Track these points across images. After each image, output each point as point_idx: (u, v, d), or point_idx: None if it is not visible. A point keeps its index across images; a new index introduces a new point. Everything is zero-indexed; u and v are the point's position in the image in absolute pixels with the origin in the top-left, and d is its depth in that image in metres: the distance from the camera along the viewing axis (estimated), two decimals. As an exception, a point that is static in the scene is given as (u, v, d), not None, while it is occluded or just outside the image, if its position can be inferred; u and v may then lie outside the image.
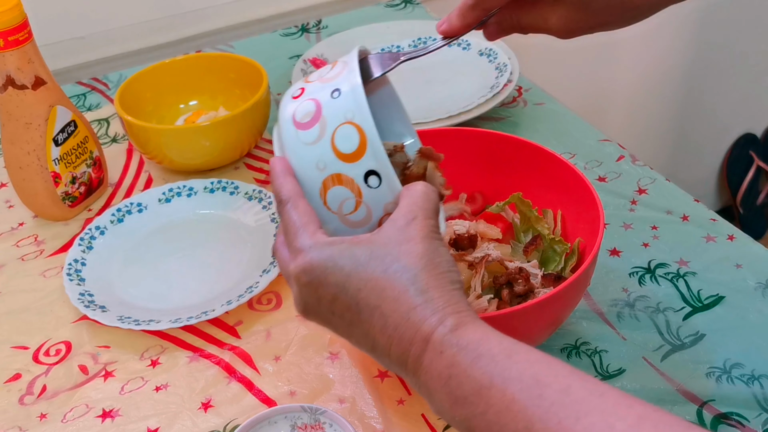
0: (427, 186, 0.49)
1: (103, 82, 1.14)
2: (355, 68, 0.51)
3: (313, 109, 0.51)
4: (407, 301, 0.44)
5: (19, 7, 0.78)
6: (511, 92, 0.98)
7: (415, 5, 1.28)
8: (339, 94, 0.50)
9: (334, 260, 0.46)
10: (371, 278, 0.45)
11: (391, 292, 0.45)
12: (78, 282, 0.78)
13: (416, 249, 0.46)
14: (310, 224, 0.49)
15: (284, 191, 0.50)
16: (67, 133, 0.86)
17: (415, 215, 0.47)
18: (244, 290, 0.75)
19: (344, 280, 0.46)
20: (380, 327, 0.45)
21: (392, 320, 0.45)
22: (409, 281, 0.45)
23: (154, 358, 0.72)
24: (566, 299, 0.62)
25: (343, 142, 0.50)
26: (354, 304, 0.46)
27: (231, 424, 0.66)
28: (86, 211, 0.91)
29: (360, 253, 0.46)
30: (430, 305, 0.44)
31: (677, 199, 0.85)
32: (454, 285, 0.46)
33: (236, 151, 0.94)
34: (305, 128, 0.51)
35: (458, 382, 0.42)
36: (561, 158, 0.71)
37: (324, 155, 0.50)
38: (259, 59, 0.98)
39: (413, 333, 0.44)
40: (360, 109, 0.49)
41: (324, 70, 0.54)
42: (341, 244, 0.47)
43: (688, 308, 0.73)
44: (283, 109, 0.53)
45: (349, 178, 0.50)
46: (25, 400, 0.69)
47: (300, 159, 0.51)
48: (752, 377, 0.66)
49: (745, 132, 2.06)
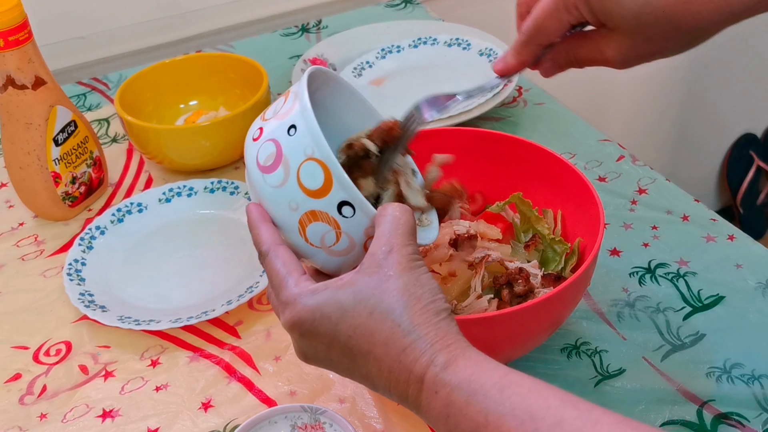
0: (400, 208, 0.49)
1: (103, 82, 1.14)
2: (305, 99, 0.50)
3: (274, 150, 0.51)
4: (396, 344, 0.45)
5: (19, 7, 0.78)
6: (511, 92, 0.98)
7: (415, 5, 1.28)
8: (295, 131, 0.50)
9: (320, 310, 0.47)
10: (359, 324, 0.46)
11: (380, 335, 0.45)
12: (78, 282, 0.78)
13: (397, 285, 0.45)
14: (293, 272, 0.49)
15: (262, 241, 0.51)
16: (68, 133, 0.86)
17: (390, 246, 0.47)
18: (244, 290, 0.75)
19: (334, 329, 0.46)
20: (376, 371, 0.46)
21: (386, 364, 0.45)
22: (395, 322, 0.45)
23: (154, 358, 0.72)
24: (566, 299, 0.62)
25: (309, 179, 0.49)
26: (348, 351, 0.47)
27: (231, 424, 0.66)
28: (86, 211, 0.91)
29: (344, 298, 0.46)
30: (419, 344, 0.44)
31: (677, 199, 0.85)
32: (440, 315, 0.45)
33: (236, 151, 0.94)
34: (270, 171, 0.51)
35: (456, 421, 0.42)
36: (561, 158, 0.71)
37: (294, 195, 0.50)
38: (259, 59, 0.98)
39: (407, 375, 0.44)
40: (317, 143, 0.49)
41: (278, 103, 0.53)
42: (326, 290, 0.47)
43: (689, 308, 0.73)
44: (246, 152, 0.53)
45: (324, 213, 0.50)
46: (26, 400, 0.69)
47: (272, 202, 0.52)
48: (752, 377, 0.66)
49: (745, 132, 2.06)
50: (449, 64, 1.07)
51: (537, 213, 0.72)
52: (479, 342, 0.60)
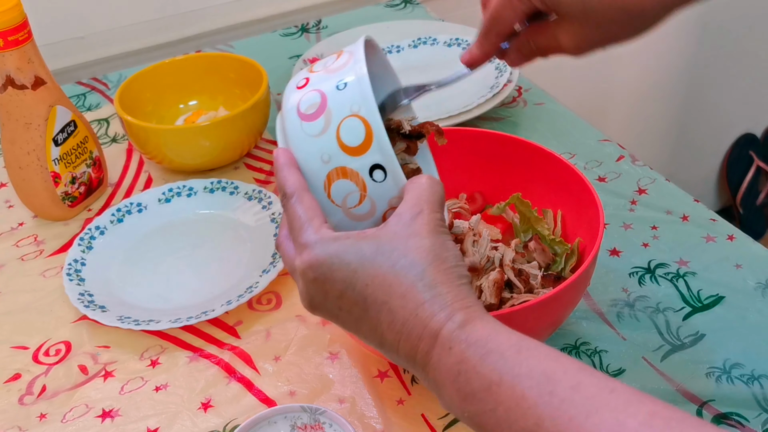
0: (432, 179, 0.49)
1: (103, 82, 1.14)
2: (362, 59, 0.50)
3: (319, 100, 0.50)
4: (415, 297, 0.44)
5: (18, 7, 0.78)
6: (510, 92, 0.98)
7: (415, 5, 1.28)
8: (345, 86, 0.50)
9: (340, 256, 0.46)
10: (378, 274, 0.45)
11: (399, 288, 0.45)
12: (78, 282, 0.78)
13: (423, 244, 0.45)
14: (315, 218, 0.48)
15: (288, 184, 0.50)
16: (67, 133, 0.86)
17: (420, 209, 0.47)
18: (244, 290, 0.75)
19: (351, 276, 0.46)
20: (388, 323, 0.45)
21: (400, 316, 0.45)
22: (417, 277, 0.44)
23: (153, 358, 0.72)
24: (566, 299, 0.62)
25: (349, 134, 0.49)
26: (361, 300, 0.46)
27: (231, 424, 0.66)
28: (86, 211, 0.91)
29: (366, 248, 0.46)
30: (438, 301, 0.44)
31: (677, 199, 0.85)
32: (461, 280, 0.45)
33: (236, 151, 0.94)
34: (310, 120, 0.50)
35: (467, 378, 0.42)
36: (561, 158, 0.71)
37: (329, 147, 0.50)
38: (259, 59, 0.98)
39: (422, 329, 0.44)
40: (366, 102, 0.49)
41: (329, 60, 0.53)
42: (347, 239, 0.47)
43: (688, 308, 0.73)
44: (286, 98, 0.53)
45: (354, 172, 0.50)
46: (25, 400, 0.69)
47: (304, 151, 0.51)
48: (752, 377, 0.66)
49: (745, 132, 2.06)
50: (449, 64, 1.06)
51: (537, 213, 0.72)
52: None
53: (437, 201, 0.48)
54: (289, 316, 0.75)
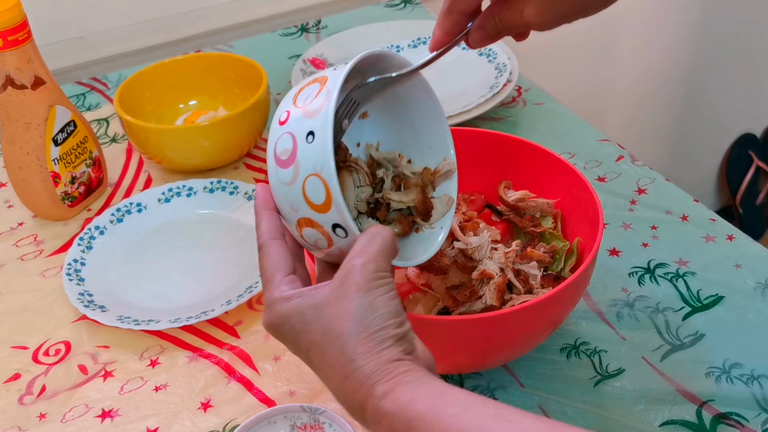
0: (378, 227, 0.50)
1: (103, 81, 1.14)
2: (330, 110, 0.49)
3: (290, 147, 0.50)
4: (340, 370, 0.46)
5: (18, 7, 0.78)
6: (510, 92, 0.98)
7: (415, 5, 1.28)
8: (312, 140, 0.49)
9: (288, 319, 0.48)
10: (314, 341, 0.47)
11: (328, 358, 0.46)
12: (77, 282, 0.78)
13: (348, 309, 0.46)
14: (276, 273, 0.50)
15: (258, 233, 0.52)
16: (67, 132, 0.86)
17: (354, 263, 0.47)
18: (243, 290, 0.75)
19: (296, 339, 0.48)
20: (332, 388, 0.48)
21: (335, 384, 0.47)
22: (339, 349, 0.46)
23: (153, 358, 0.72)
24: (565, 299, 0.62)
25: (312, 192, 0.49)
26: (308, 362, 0.49)
27: (230, 424, 0.66)
28: (86, 210, 0.91)
29: (307, 311, 0.47)
30: (357, 375, 0.45)
31: (677, 199, 0.85)
32: (385, 344, 0.46)
33: (236, 151, 0.94)
34: (283, 167, 0.51)
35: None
36: (561, 158, 0.71)
37: (297, 199, 0.50)
38: (259, 59, 0.98)
39: (352, 399, 0.46)
40: (326, 167, 0.48)
41: (312, 90, 0.52)
42: (296, 299, 0.48)
43: (688, 308, 0.73)
44: (270, 133, 0.53)
45: (319, 225, 0.50)
46: (25, 400, 0.69)
47: (278, 194, 0.52)
48: (751, 377, 0.66)
49: (744, 132, 2.06)
50: (449, 64, 1.06)
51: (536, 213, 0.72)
52: (479, 342, 0.60)
53: (379, 250, 0.48)
54: (289, 316, 0.75)
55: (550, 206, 0.72)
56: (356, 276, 0.47)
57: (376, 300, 0.46)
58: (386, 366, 0.45)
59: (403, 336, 0.47)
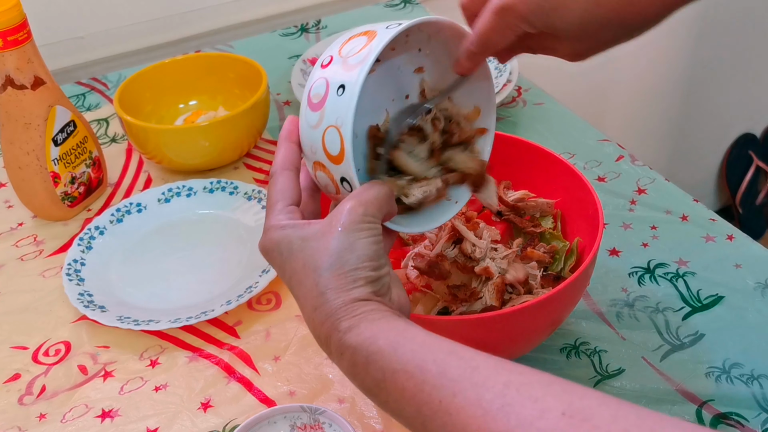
0: (378, 181, 0.52)
1: (103, 82, 1.14)
2: (366, 69, 0.50)
3: (323, 93, 0.52)
4: (312, 301, 0.48)
5: (18, 7, 0.78)
6: (510, 92, 0.98)
7: (415, 5, 1.28)
8: (342, 93, 0.51)
9: (278, 245, 0.50)
10: (295, 270, 0.49)
11: (303, 288, 0.49)
12: (77, 282, 0.78)
13: (329, 245, 0.48)
14: (278, 202, 0.52)
15: (275, 161, 0.54)
16: (67, 133, 0.86)
17: (343, 207, 0.49)
18: (243, 290, 0.75)
19: (282, 264, 0.50)
20: (305, 316, 0.50)
21: (307, 313, 0.49)
22: (314, 281, 0.48)
23: (153, 358, 0.72)
24: (565, 299, 0.62)
25: (330, 142, 0.51)
26: (289, 286, 0.51)
27: (230, 424, 0.66)
28: (85, 211, 0.91)
29: (295, 241, 0.50)
30: (325, 308, 0.47)
31: (676, 199, 0.85)
32: (356, 283, 0.48)
33: (236, 151, 0.94)
34: (313, 109, 0.52)
35: (361, 379, 0.47)
36: (560, 158, 0.71)
37: (316, 144, 0.52)
38: (259, 59, 0.98)
39: (319, 331, 0.48)
40: (346, 122, 0.50)
41: (357, 43, 0.52)
42: (289, 229, 0.50)
43: (688, 308, 0.73)
44: (312, 73, 0.54)
45: (330, 173, 0.52)
46: (25, 400, 0.69)
47: (303, 133, 0.54)
48: (751, 377, 0.66)
49: (744, 132, 2.06)
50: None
51: (536, 213, 0.72)
52: (479, 342, 0.60)
53: (369, 198, 0.50)
54: (289, 316, 0.75)
55: (550, 206, 0.72)
56: (343, 216, 0.49)
57: (357, 242, 0.48)
58: (354, 304, 0.47)
59: (377, 279, 0.48)
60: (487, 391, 0.41)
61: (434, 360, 0.43)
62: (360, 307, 0.47)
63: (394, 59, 0.59)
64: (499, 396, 0.40)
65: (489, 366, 0.42)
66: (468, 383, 0.41)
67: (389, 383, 0.44)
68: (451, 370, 0.43)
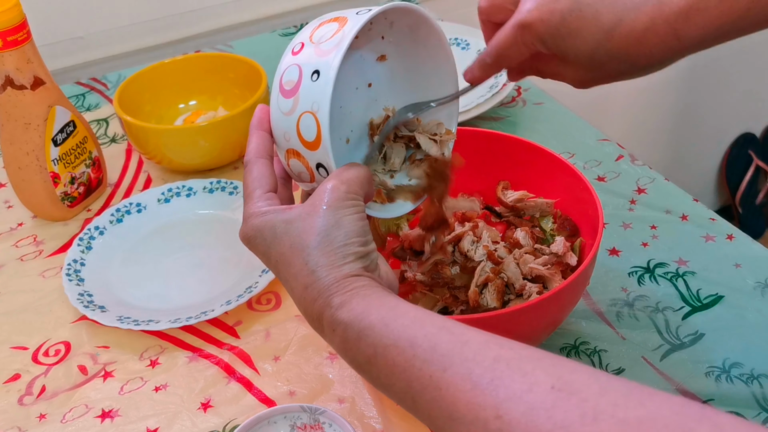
0: (356, 163, 0.52)
1: (102, 82, 1.14)
2: (340, 53, 0.50)
3: (295, 80, 0.52)
4: (302, 280, 0.48)
5: (18, 7, 0.78)
6: (510, 92, 0.98)
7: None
8: (317, 78, 0.50)
9: (261, 232, 0.51)
10: (282, 253, 0.49)
11: (292, 268, 0.49)
12: (77, 282, 0.78)
13: (315, 224, 0.49)
14: (256, 190, 0.52)
15: (247, 150, 0.54)
16: (66, 133, 0.86)
17: (325, 186, 0.50)
18: (243, 290, 0.75)
19: (266, 250, 0.51)
20: (296, 298, 0.50)
21: (297, 294, 0.49)
22: (303, 260, 0.48)
23: (153, 358, 0.72)
24: (565, 299, 0.62)
25: (305, 128, 0.51)
26: (276, 271, 0.51)
27: (230, 424, 0.66)
28: (85, 211, 0.91)
29: (278, 225, 0.50)
30: (317, 285, 0.48)
31: (676, 198, 0.85)
32: (346, 259, 0.48)
33: (235, 151, 0.94)
34: (285, 96, 0.52)
35: (353, 354, 0.47)
36: (560, 158, 0.71)
37: (290, 130, 0.52)
38: (259, 59, 0.98)
39: (311, 309, 0.49)
40: (323, 107, 0.50)
41: (328, 29, 0.52)
42: (270, 214, 0.51)
43: (688, 308, 0.73)
44: (282, 60, 0.54)
45: (306, 160, 0.52)
46: (25, 401, 0.69)
47: (275, 121, 0.54)
48: (751, 377, 0.66)
49: (744, 132, 2.06)
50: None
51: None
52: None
53: (353, 178, 0.50)
54: (289, 316, 0.75)
55: (550, 206, 0.72)
56: (326, 195, 0.49)
57: (343, 219, 0.49)
58: (345, 279, 0.48)
59: (365, 254, 0.49)
60: (476, 365, 0.41)
61: (425, 335, 0.44)
62: (352, 282, 0.48)
63: (357, 48, 0.59)
64: (488, 370, 0.40)
65: (479, 341, 0.43)
66: (458, 358, 0.42)
67: (380, 358, 0.45)
68: (441, 344, 0.43)
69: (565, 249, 0.66)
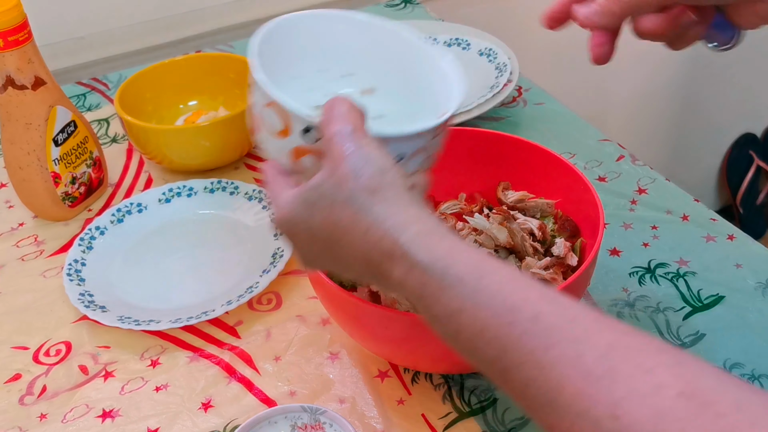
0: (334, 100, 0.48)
1: (103, 82, 1.14)
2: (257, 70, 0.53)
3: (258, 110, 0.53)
4: (358, 228, 0.44)
5: (18, 7, 0.78)
6: (511, 92, 0.98)
7: (415, 5, 1.28)
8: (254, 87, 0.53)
9: (294, 209, 0.48)
10: (325, 216, 0.46)
11: (343, 222, 0.45)
12: (78, 282, 0.78)
13: (345, 172, 0.45)
14: (278, 176, 0.51)
15: (263, 180, 0.53)
16: (67, 133, 0.86)
17: (328, 136, 0.46)
18: (244, 290, 0.75)
19: (308, 225, 0.47)
20: (353, 257, 0.46)
21: (357, 248, 0.45)
22: (352, 209, 0.44)
23: (154, 358, 0.72)
24: (566, 299, 0.62)
25: (271, 120, 0.51)
26: (326, 243, 0.47)
27: (231, 424, 0.66)
28: (86, 211, 0.91)
29: (309, 195, 0.47)
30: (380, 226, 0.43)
31: (677, 198, 0.85)
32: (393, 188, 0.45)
33: (236, 151, 0.94)
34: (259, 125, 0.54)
35: (430, 303, 0.41)
36: (561, 158, 0.71)
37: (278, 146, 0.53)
38: (259, 59, 0.98)
39: (378, 253, 0.44)
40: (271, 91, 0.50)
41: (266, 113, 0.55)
42: (304, 189, 0.47)
43: (688, 308, 0.73)
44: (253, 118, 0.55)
45: (304, 147, 0.51)
46: (25, 401, 0.69)
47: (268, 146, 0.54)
48: (752, 377, 0.66)
49: (744, 132, 2.06)
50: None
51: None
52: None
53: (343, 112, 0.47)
54: (290, 316, 0.75)
55: (550, 206, 0.72)
56: (337, 142, 0.46)
57: (369, 153, 0.45)
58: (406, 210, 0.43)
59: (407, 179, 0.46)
60: (589, 349, 0.35)
61: (525, 299, 0.38)
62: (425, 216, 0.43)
63: None
64: (602, 358, 0.35)
65: (589, 320, 0.37)
66: (566, 335, 0.36)
67: (467, 317, 0.39)
68: (546, 316, 0.37)
69: (566, 250, 0.66)
